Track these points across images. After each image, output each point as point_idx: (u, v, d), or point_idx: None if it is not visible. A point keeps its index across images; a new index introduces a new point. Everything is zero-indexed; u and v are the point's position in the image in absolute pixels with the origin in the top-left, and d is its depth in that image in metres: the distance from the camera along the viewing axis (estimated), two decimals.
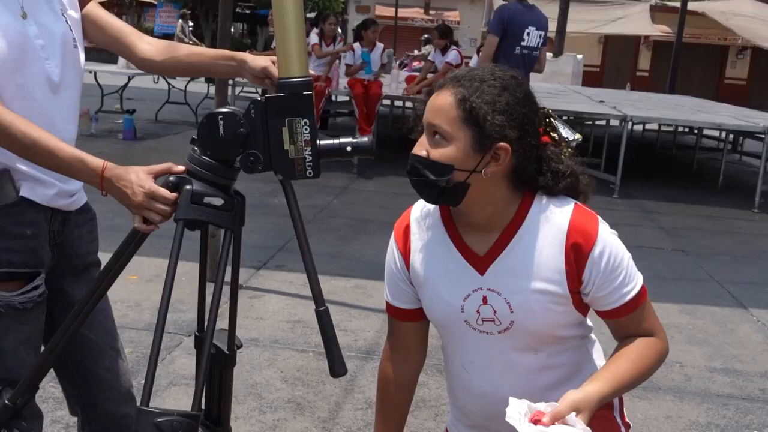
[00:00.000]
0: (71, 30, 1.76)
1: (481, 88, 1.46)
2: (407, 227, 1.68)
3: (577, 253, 1.50)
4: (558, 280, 1.51)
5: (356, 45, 8.99)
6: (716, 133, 11.63)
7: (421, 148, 1.50)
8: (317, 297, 1.39)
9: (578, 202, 1.57)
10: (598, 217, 1.55)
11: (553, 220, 1.52)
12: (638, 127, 12.93)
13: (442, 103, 1.48)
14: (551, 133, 1.57)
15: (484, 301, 1.56)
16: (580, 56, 18.22)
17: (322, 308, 1.38)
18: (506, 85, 1.48)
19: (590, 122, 11.03)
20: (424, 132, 1.53)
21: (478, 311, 1.57)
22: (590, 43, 26.06)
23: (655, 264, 5.69)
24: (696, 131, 11.89)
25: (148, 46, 1.86)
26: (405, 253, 1.67)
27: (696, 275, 5.60)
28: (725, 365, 3.93)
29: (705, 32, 25.08)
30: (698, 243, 6.60)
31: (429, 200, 1.58)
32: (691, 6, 22.18)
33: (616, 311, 1.54)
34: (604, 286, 1.51)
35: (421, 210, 1.68)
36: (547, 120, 1.58)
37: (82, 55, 1.78)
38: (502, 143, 1.45)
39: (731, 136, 11.12)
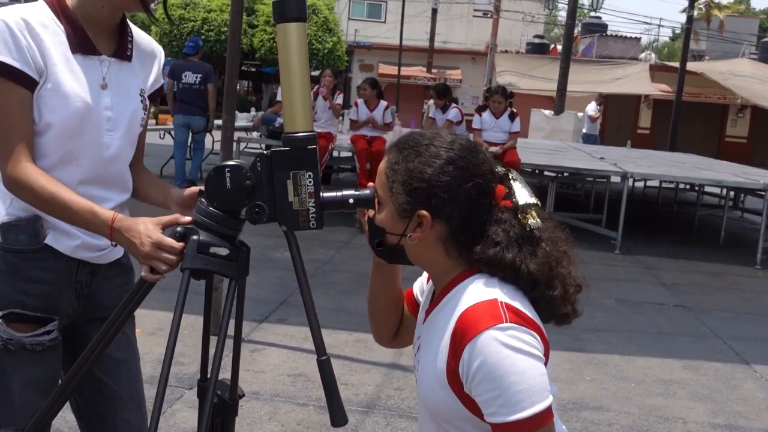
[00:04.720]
0: (143, 110, 1.84)
1: (409, 156, 1.42)
2: None
3: (455, 346, 1.35)
4: (440, 367, 1.39)
5: (360, 101, 9.18)
6: (717, 190, 11.70)
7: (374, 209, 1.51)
8: (319, 346, 1.42)
9: (502, 298, 1.36)
10: (508, 321, 1.31)
11: (460, 302, 1.39)
12: (639, 184, 13.02)
13: (380, 167, 1.48)
14: (513, 197, 1.44)
15: (417, 349, 1.54)
16: (581, 114, 18.47)
17: (324, 357, 1.40)
18: (435, 153, 1.41)
19: (591, 179, 11.14)
20: None
21: (414, 356, 1.56)
22: (591, 102, 26.29)
23: (657, 320, 5.66)
24: (697, 188, 11.97)
25: (139, 168, 1.97)
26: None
27: (698, 331, 5.58)
28: (729, 422, 3.90)
29: (704, 91, 25.40)
30: (700, 299, 6.59)
31: (383, 258, 1.57)
32: (690, 66, 22.60)
33: (491, 426, 1.33)
34: (474, 393, 1.34)
35: None
36: (507, 182, 1.45)
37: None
38: (421, 211, 1.39)
39: (732, 193, 11.21)
